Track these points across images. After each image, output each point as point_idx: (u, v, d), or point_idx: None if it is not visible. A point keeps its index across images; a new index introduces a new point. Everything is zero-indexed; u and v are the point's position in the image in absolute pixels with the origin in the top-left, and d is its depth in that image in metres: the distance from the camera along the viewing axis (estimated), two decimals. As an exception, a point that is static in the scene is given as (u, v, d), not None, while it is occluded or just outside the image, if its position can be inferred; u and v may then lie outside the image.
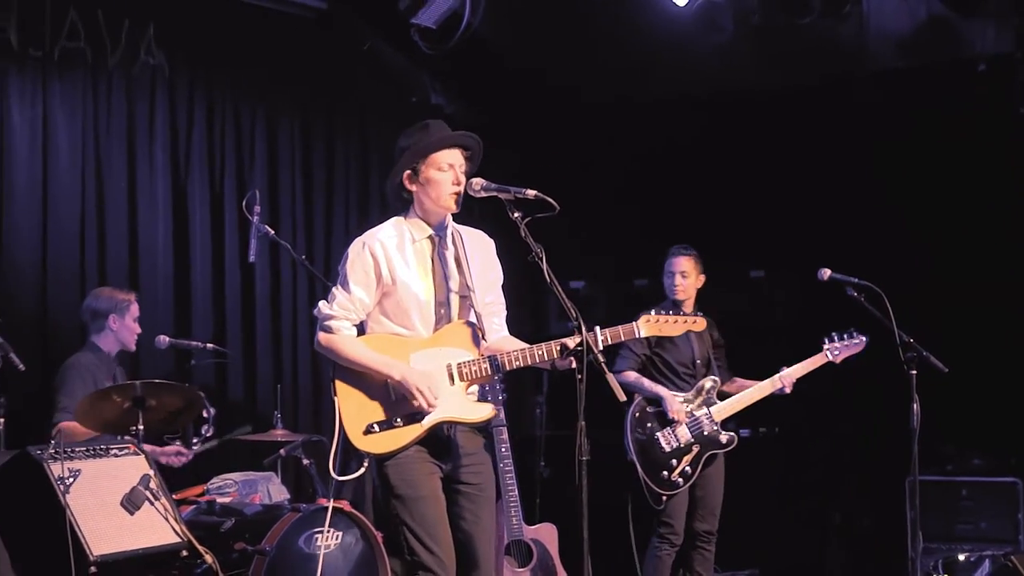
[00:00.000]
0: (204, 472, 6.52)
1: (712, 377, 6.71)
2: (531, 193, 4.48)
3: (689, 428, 6.54)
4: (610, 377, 4.27)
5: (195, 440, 6.50)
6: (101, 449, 5.09)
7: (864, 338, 6.56)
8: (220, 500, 5.95)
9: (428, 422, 4.52)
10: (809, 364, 6.65)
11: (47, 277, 6.83)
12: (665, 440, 6.52)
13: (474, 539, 4.61)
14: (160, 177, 7.37)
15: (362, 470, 4.61)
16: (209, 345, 6.69)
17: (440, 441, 4.58)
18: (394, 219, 4.74)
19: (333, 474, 4.59)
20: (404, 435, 4.51)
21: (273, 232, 6.49)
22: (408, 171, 4.65)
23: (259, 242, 6.48)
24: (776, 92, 7.97)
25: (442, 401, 4.52)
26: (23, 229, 6.78)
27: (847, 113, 7.86)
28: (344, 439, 4.54)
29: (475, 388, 4.67)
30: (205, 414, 6.49)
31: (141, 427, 5.61)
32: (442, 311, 4.64)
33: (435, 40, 7.67)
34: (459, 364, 4.57)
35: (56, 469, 4.78)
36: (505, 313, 4.89)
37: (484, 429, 4.75)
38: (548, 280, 4.43)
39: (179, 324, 7.31)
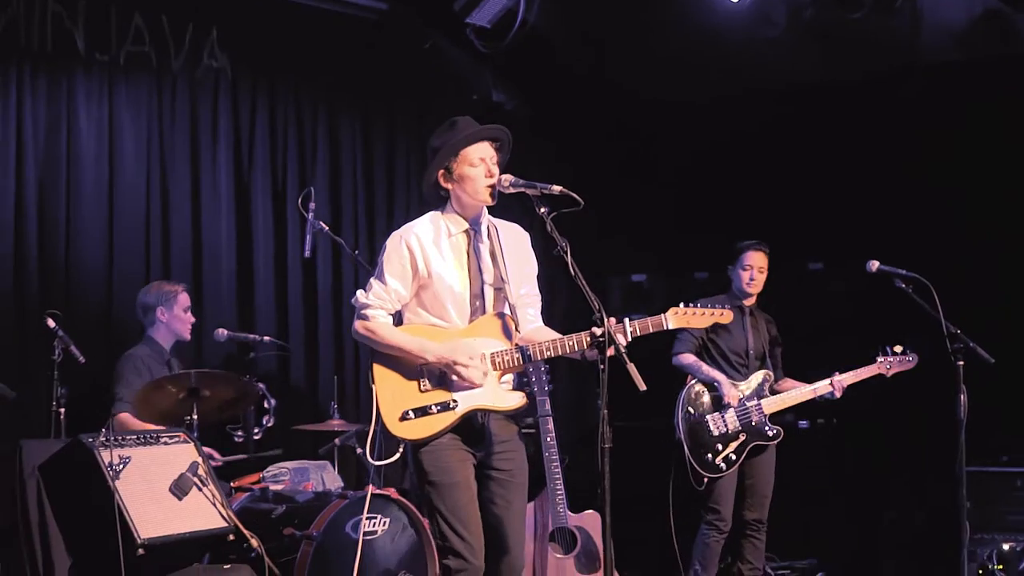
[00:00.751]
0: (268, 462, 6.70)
1: (766, 371, 6.79)
2: (556, 189, 4.61)
3: (738, 416, 6.62)
4: (631, 367, 4.38)
5: (256, 430, 6.72)
6: (151, 437, 5.30)
7: (916, 356, 6.69)
8: (273, 487, 6.13)
9: (461, 409, 4.65)
10: (861, 373, 6.75)
11: (113, 273, 7.08)
12: (714, 424, 6.61)
13: (505, 523, 4.73)
14: (223, 176, 7.59)
15: (397, 455, 4.76)
16: (266, 338, 6.88)
17: (474, 429, 4.70)
18: (431, 213, 4.88)
19: (370, 459, 4.75)
20: (438, 422, 4.64)
21: (328, 228, 6.64)
22: (442, 170, 4.79)
23: (314, 238, 6.64)
24: (830, 86, 7.99)
25: (477, 389, 4.64)
26: (90, 227, 7.04)
27: (900, 106, 7.86)
28: (380, 425, 4.69)
29: (508, 377, 4.78)
30: (266, 405, 6.72)
31: (195, 416, 5.84)
32: (477, 303, 4.77)
33: (490, 39, 7.80)
34: (492, 354, 4.69)
35: (107, 456, 4.98)
36: (540, 304, 5.01)
37: (516, 418, 4.86)
38: (573, 273, 4.54)
39: (242, 318, 7.53)
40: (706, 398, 6.68)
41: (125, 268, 7.11)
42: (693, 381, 6.72)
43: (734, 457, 6.59)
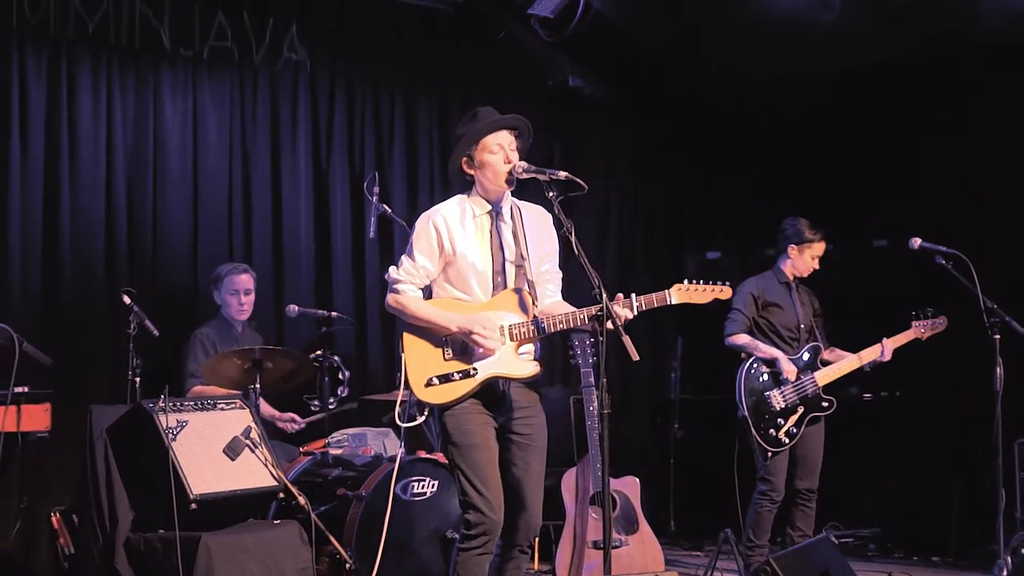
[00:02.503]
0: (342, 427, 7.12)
1: (816, 344, 7.02)
2: (562, 174, 4.94)
3: (796, 390, 6.86)
4: (626, 339, 4.77)
5: (331, 400, 7.17)
6: (209, 403, 5.76)
7: (944, 319, 6.93)
8: (333, 452, 6.56)
9: (481, 376, 5.02)
10: (902, 338, 6.96)
11: (198, 255, 7.59)
12: (775, 399, 6.86)
13: (523, 483, 5.09)
14: (302, 162, 8.05)
15: (421, 418, 5.17)
16: (334, 313, 7.32)
17: (495, 395, 5.07)
18: (458, 196, 5.26)
19: (398, 422, 5.15)
20: (460, 388, 5.01)
21: (390, 211, 7.05)
22: (465, 157, 5.16)
23: (377, 220, 7.05)
24: (888, 65, 8.14)
25: (494, 358, 5.02)
26: (175, 211, 7.56)
27: (957, 84, 7.98)
28: (408, 391, 5.10)
29: (528, 347, 5.14)
30: (341, 376, 7.17)
31: (258, 385, 6.34)
32: (498, 279, 5.13)
33: (555, 28, 8.11)
34: (510, 326, 5.06)
35: (165, 420, 5.47)
36: (560, 280, 5.33)
37: (535, 385, 5.21)
38: (576, 252, 4.86)
39: (320, 296, 7.99)
40: (765, 375, 6.93)
41: (209, 250, 7.61)
42: (751, 359, 6.97)
43: (795, 430, 6.84)
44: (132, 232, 7.39)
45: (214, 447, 5.62)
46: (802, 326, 7.08)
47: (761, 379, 6.92)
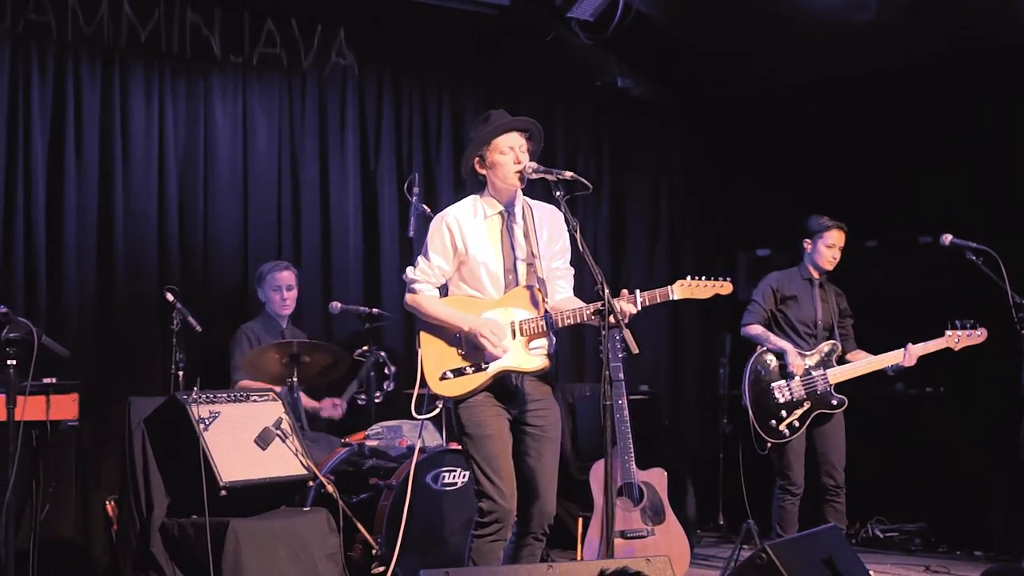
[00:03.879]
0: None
1: (833, 341, 7.08)
2: (568, 174, 5.12)
3: (803, 384, 6.93)
4: (626, 332, 4.92)
5: (377, 394, 7.41)
6: (242, 395, 6.03)
7: (984, 331, 6.91)
8: (369, 443, 6.79)
9: (492, 370, 5.21)
10: (931, 345, 6.97)
11: (247, 255, 7.84)
12: (779, 391, 6.94)
13: (537, 473, 5.27)
14: (350, 164, 8.28)
15: (436, 410, 5.40)
16: (375, 310, 7.54)
17: (508, 389, 5.26)
18: (471, 197, 5.46)
19: (414, 414, 5.37)
20: (472, 381, 5.22)
21: (430, 210, 7.25)
22: (477, 158, 5.36)
23: (417, 219, 7.26)
24: (923, 64, 8.18)
25: (506, 353, 5.21)
26: (226, 212, 7.83)
27: (991, 82, 8.01)
28: (423, 384, 5.32)
29: (541, 342, 5.32)
30: (387, 371, 7.41)
31: (295, 379, 6.59)
32: (510, 277, 5.32)
33: (594, 30, 8.27)
34: (520, 322, 5.25)
35: (197, 411, 5.74)
36: (571, 276, 5.49)
37: (548, 378, 5.39)
38: (581, 249, 5.04)
39: (368, 294, 8.22)
40: (773, 366, 7.01)
41: (258, 250, 7.85)
42: (761, 350, 7.07)
43: (797, 424, 6.91)
44: (183, 233, 7.66)
45: (245, 437, 5.89)
46: (820, 322, 7.14)
47: (768, 371, 7.00)
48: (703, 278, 5.22)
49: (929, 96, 8.50)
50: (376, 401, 7.38)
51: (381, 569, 6.06)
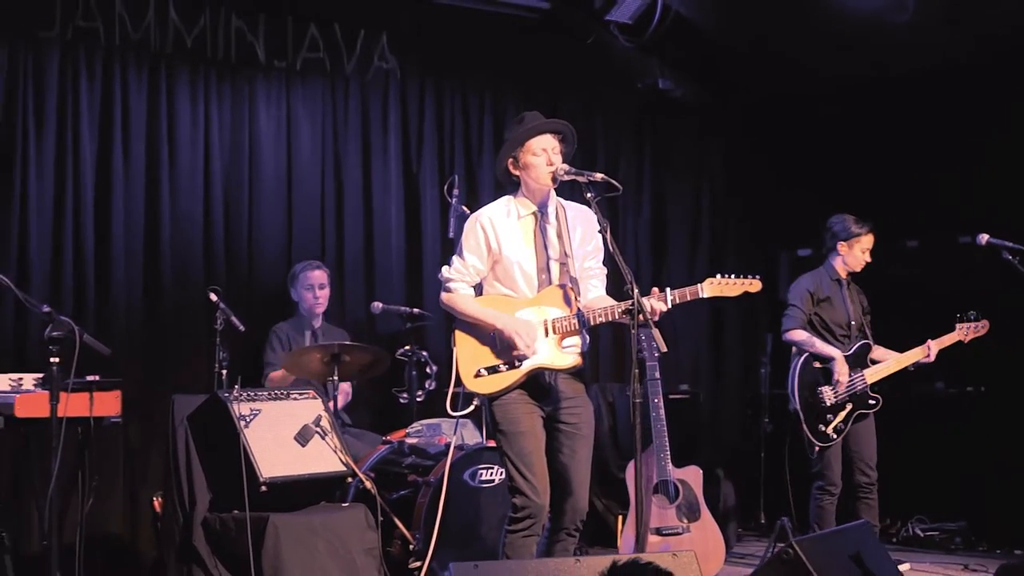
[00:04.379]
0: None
1: (865, 341, 7.17)
2: (599, 176, 5.24)
3: (846, 387, 7.01)
4: (655, 331, 4.99)
5: (419, 392, 7.52)
6: (282, 393, 6.16)
7: (987, 322, 7.16)
8: (409, 441, 6.90)
9: (525, 367, 5.31)
10: (946, 340, 7.14)
11: (291, 256, 7.95)
12: (827, 395, 7.02)
13: (570, 470, 5.37)
14: (393, 166, 8.40)
15: (471, 407, 5.51)
16: (416, 310, 7.65)
17: (541, 386, 5.37)
18: (505, 198, 5.57)
19: (449, 411, 5.48)
20: (506, 378, 5.33)
21: (469, 211, 7.35)
22: (510, 159, 5.47)
23: (457, 220, 7.36)
24: (961, 64, 8.20)
25: (538, 350, 5.31)
26: (270, 214, 7.96)
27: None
28: (459, 382, 5.43)
29: (574, 339, 5.41)
30: (428, 370, 7.53)
31: (336, 377, 6.70)
32: (543, 276, 5.43)
33: (633, 33, 8.35)
34: (553, 320, 5.35)
35: (238, 408, 5.87)
36: (604, 276, 5.58)
37: (581, 376, 5.48)
38: (611, 249, 5.12)
39: (411, 294, 8.33)
40: (818, 371, 7.10)
41: (302, 251, 7.96)
42: (805, 355, 7.14)
43: (843, 426, 7.01)
44: (229, 234, 7.80)
45: (285, 434, 6.01)
46: (852, 323, 7.22)
47: (814, 375, 7.08)
48: (733, 276, 5.30)
49: (967, 96, 8.51)
50: (418, 399, 7.48)
51: (418, 564, 6.16)
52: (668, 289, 5.23)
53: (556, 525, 5.41)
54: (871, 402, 7.05)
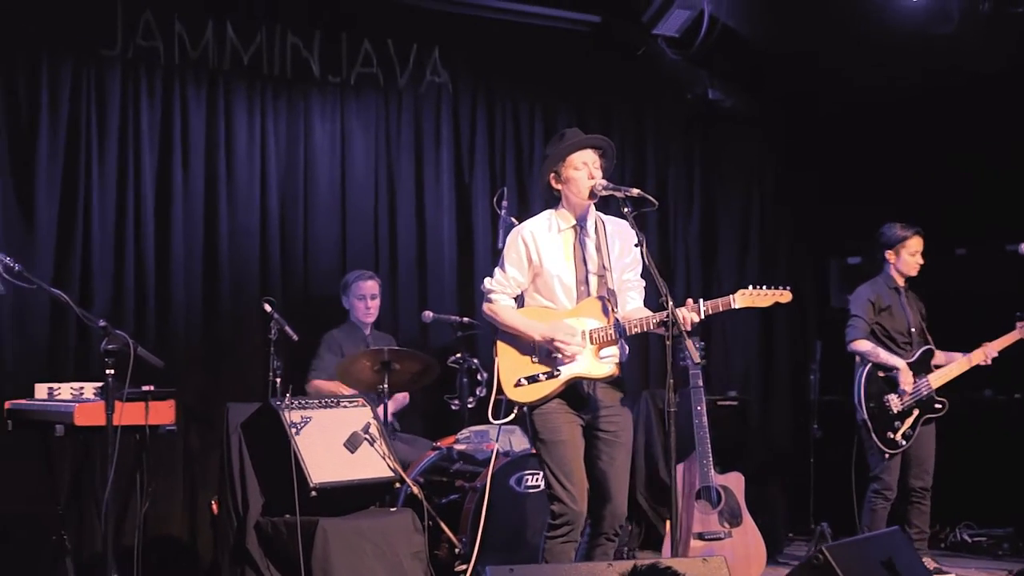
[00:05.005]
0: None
1: (928, 347, 7.27)
2: (635, 192, 5.41)
3: (912, 394, 7.12)
4: (688, 343, 5.15)
5: (470, 399, 7.70)
6: (332, 401, 6.36)
7: None
8: (457, 447, 7.08)
9: (564, 376, 5.49)
10: (1006, 339, 7.24)
11: (346, 266, 8.14)
12: (893, 403, 7.17)
13: (608, 477, 5.54)
14: (445, 177, 8.58)
15: (512, 415, 5.68)
16: (465, 319, 7.82)
17: (579, 396, 5.54)
18: (547, 212, 5.75)
19: (491, 419, 5.65)
20: (545, 387, 5.51)
21: (517, 223, 7.51)
22: (552, 174, 5.64)
23: (506, 231, 7.51)
24: (1010, 71, 8.26)
25: (577, 360, 5.47)
26: (325, 226, 8.16)
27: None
28: (500, 390, 5.61)
29: (611, 350, 5.57)
30: (479, 377, 7.69)
31: (386, 385, 6.89)
32: (582, 288, 5.60)
33: (681, 46, 8.48)
34: (591, 331, 5.52)
35: (290, 416, 6.08)
36: (642, 288, 5.72)
37: (619, 385, 5.63)
38: (647, 262, 5.28)
39: (462, 303, 8.50)
40: (883, 380, 7.23)
41: (356, 262, 8.15)
42: (870, 365, 7.25)
43: (911, 432, 7.14)
44: (285, 246, 8.01)
45: (335, 441, 6.21)
46: (913, 330, 7.32)
47: (879, 384, 7.19)
48: (764, 287, 5.43)
49: (1014, 105, 8.56)
50: (469, 406, 7.64)
51: (464, 567, 6.34)
52: (701, 300, 5.36)
53: (596, 530, 5.58)
54: (937, 406, 7.21)
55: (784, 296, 5.43)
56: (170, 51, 7.67)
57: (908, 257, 7.37)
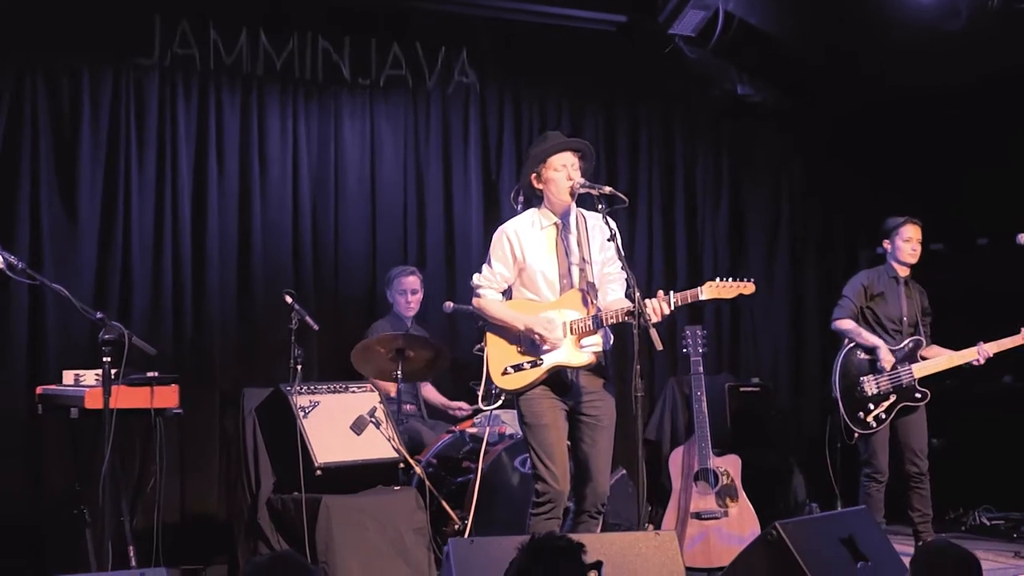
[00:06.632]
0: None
1: (917, 337, 7.47)
2: (607, 189, 5.78)
3: (890, 378, 7.32)
4: (653, 332, 5.46)
5: (494, 387, 8.04)
6: (341, 387, 6.77)
7: None
8: (470, 431, 7.44)
9: (546, 366, 5.84)
10: (1005, 343, 7.39)
11: (376, 260, 8.55)
12: (868, 385, 7.37)
13: (591, 458, 5.88)
14: (473, 175, 8.93)
15: (500, 401, 6.06)
16: (486, 310, 8.16)
17: (563, 382, 5.89)
18: (530, 210, 6.12)
19: (480, 405, 6.05)
20: (529, 375, 5.87)
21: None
22: (534, 173, 5.98)
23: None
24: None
25: (558, 350, 5.82)
26: (355, 223, 8.56)
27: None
28: (488, 378, 5.98)
29: (594, 339, 5.90)
30: (504, 368, 8.04)
31: (399, 372, 7.25)
32: (564, 281, 5.95)
33: (697, 44, 8.73)
34: (571, 322, 5.86)
35: (298, 400, 6.49)
36: (623, 280, 6.00)
37: (601, 372, 5.96)
38: (620, 255, 5.60)
39: (491, 296, 8.85)
40: (863, 360, 7.44)
41: (385, 257, 8.54)
42: (851, 344, 7.47)
43: (884, 416, 7.32)
44: (316, 242, 8.42)
45: (342, 424, 6.61)
46: (905, 319, 7.51)
47: (858, 364, 7.41)
48: (730, 279, 5.71)
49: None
50: (494, 392, 7.97)
51: (467, 542, 6.70)
52: (672, 292, 5.67)
53: (579, 508, 5.93)
54: (917, 395, 7.35)
55: (747, 288, 5.71)
56: (205, 58, 8.11)
57: (902, 243, 7.55)
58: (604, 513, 6.01)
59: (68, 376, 6.38)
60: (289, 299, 7.23)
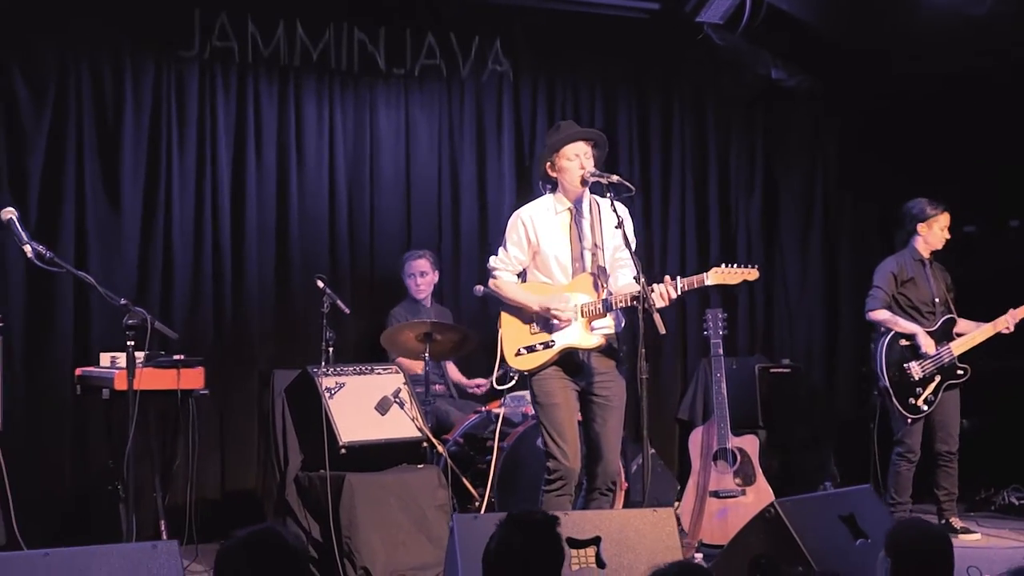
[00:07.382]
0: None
1: (950, 316, 7.59)
2: (614, 178, 5.97)
3: (933, 361, 7.48)
4: (656, 317, 5.63)
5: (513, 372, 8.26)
6: (367, 368, 7.01)
7: None
8: (495, 411, 7.65)
9: (558, 347, 6.05)
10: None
11: (411, 247, 8.72)
12: (914, 370, 7.53)
13: (601, 438, 6.10)
14: (506, 162, 9.10)
15: (513, 381, 6.29)
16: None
17: (574, 363, 6.10)
18: (545, 195, 6.33)
19: (494, 384, 6.27)
20: (541, 356, 6.09)
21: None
22: (548, 162, 6.19)
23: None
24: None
25: (569, 332, 6.02)
26: (390, 211, 8.79)
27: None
28: (502, 358, 6.20)
29: (605, 322, 6.09)
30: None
31: (427, 354, 7.47)
32: (576, 265, 6.16)
33: (726, 31, 8.85)
34: (582, 305, 6.06)
35: (324, 382, 6.74)
36: (632, 265, 6.17)
37: (612, 353, 6.15)
38: (626, 242, 5.78)
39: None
40: (904, 347, 7.60)
41: (420, 244, 8.71)
42: (889, 333, 7.60)
43: (933, 398, 7.50)
44: (352, 230, 8.66)
45: (366, 404, 6.85)
46: (936, 300, 7.65)
47: (900, 352, 7.54)
48: (734, 266, 5.89)
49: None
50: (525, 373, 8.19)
51: (483, 517, 6.93)
52: (679, 278, 5.86)
53: (590, 485, 6.14)
54: (959, 372, 7.54)
55: (751, 274, 5.89)
56: (244, 50, 8.36)
57: (938, 231, 7.73)
58: (626, 490, 6.20)
59: (105, 358, 6.69)
60: (320, 284, 7.49)
